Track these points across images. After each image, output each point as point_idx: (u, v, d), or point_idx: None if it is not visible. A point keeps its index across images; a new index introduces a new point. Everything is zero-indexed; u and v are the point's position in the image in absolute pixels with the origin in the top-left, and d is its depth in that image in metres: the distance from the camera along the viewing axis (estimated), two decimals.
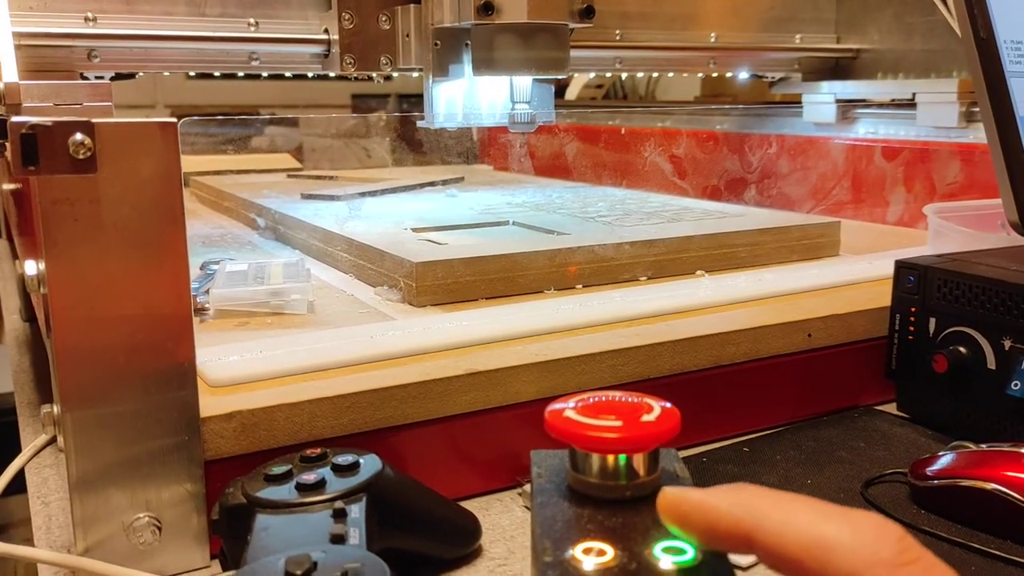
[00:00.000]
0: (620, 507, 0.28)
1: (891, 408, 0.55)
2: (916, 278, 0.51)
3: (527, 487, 0.43)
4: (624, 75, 1.62)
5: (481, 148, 1.94)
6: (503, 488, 0.45)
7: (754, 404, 0.52)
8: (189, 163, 1.04)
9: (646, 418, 0.28)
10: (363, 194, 0.91)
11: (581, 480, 0.29)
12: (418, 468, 0.42)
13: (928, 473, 0.42)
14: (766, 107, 1.24)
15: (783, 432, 0.52)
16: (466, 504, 0.43)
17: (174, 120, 0.34)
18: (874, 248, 0.73)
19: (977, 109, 0.84)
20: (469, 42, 0.59)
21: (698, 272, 0.65)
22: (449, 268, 0.56)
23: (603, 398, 0.30)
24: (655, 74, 1.60)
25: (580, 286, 0.61)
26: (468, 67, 0.60)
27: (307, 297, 0.54)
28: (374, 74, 0.65)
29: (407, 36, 0.60)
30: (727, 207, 0.83)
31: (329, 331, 0.49)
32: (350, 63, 0.60)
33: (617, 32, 0.85)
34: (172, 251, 0.36)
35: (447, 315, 0.53)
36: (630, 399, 0.30)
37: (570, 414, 0.29)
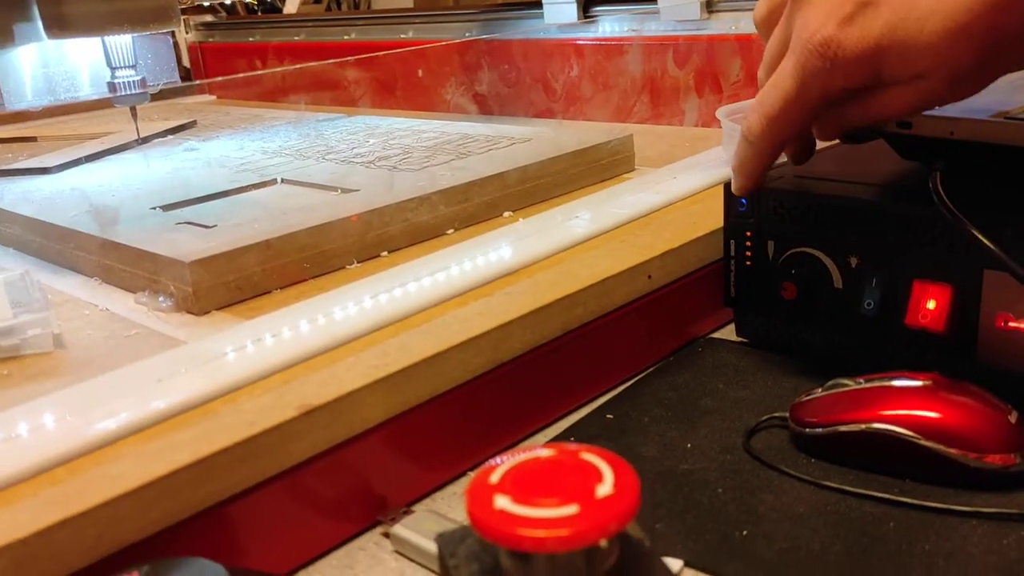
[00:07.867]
0: None
1: (729, 333, 0.53)
2: (748, 201, 0.48)
3: (393, 527, 0.36)
4: None
5: (195, 70, 1.73)
6: (363, 531, 0.37)
7: (603, 361, 0.48)
8: None
9: (602, 491, 0.22)
10: (77, 160, 0.75)
11: None
12: (257, 540, 0.34)
13: (808, 420, 0.40)
14: (505, 10, 1.18)
15: (638, 386, 0.48)
16: (326, 562, 0.35)
17: None
18: (670, 157, 0.70)
19: None
20: None
21: (505, 214, 0.59)
22: (232, 261, 0.45)
23: (525, 458, 0.24)
24: None
25: (386, 253, 0.53)
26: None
27: (50, 329, 0.42)
28: None
29: None
30: (505, 128, 0.77)
31: (94, 380, 0.37)
32: None
33: None
34: None
35: (243, 324, 0.42)
36: (561, 457, 0.24)
37: (504, 505, 0.22)
